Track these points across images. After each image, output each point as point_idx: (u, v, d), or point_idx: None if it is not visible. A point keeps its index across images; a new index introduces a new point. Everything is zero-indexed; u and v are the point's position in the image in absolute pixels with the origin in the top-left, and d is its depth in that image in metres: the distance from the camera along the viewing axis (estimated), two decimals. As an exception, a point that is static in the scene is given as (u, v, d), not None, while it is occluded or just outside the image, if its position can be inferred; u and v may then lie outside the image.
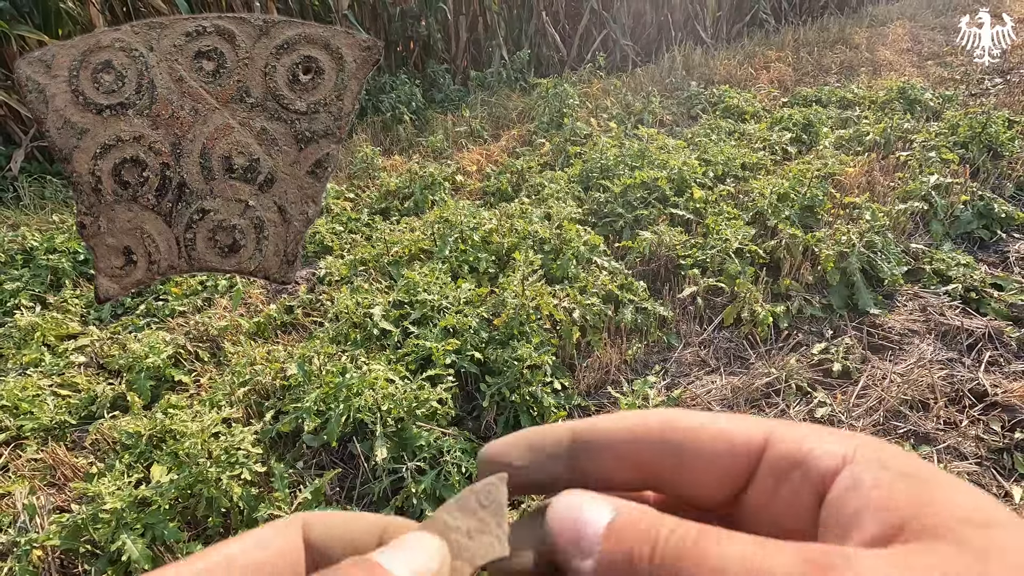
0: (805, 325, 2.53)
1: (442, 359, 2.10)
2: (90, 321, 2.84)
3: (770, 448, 0.22)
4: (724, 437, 0.23)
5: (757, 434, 0.23)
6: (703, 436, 0.23)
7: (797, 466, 0.21)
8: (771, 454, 0.22)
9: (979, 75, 4.79)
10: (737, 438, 0.23)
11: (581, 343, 2.36)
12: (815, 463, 0.21)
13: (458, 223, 2.86)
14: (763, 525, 0.22)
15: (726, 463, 0.23)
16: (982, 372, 2.19)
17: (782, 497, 0.21)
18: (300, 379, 2.06)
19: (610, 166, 3.36)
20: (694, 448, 0.23)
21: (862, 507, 0.19)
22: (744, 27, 7.28)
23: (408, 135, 4.60)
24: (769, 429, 0.23)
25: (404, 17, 5.90)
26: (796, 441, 0.22)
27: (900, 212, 2.91)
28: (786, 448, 0.22)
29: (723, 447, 0.23)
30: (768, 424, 0.23)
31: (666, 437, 0.23)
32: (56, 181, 4.17)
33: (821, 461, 0.21)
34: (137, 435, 1.92)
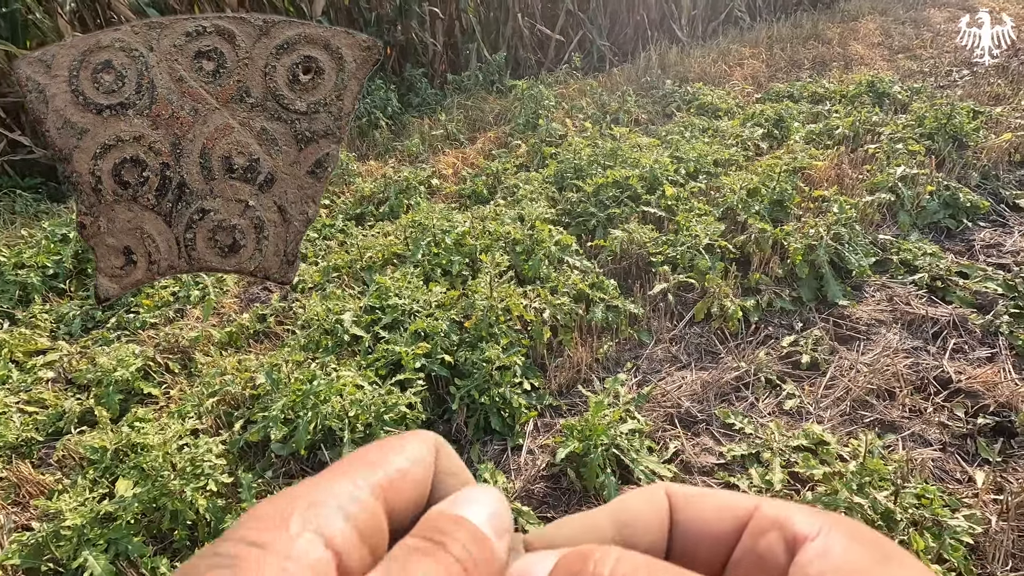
0: (775, 318, 2.55)
1: (411, 363, 2.09)
2: (59, 336, 2.81)
3: (757, 512, 0.24)
4: (718, 506, 0.25)
5: (749, 503, 0.25)
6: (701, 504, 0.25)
7: (775, 527, 0.23)
8: (758, 517, 0.24)
9: (946, 67, 4.87)
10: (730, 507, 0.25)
11: (553, 343, 2.37)
12: (792, 527, 0.23)
13: (431, 227, 2.85)
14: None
15: (722, 526, 0.25)
16: (947, 360, 2.22)
17: (758, 554, 0.23)
18: (268, 388, 2.05)
19: (583, 166, 3.38)
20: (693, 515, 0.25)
21: (828, 570, 0.20)
22: (719, 25, 7.34)
23: (384, 140, 4.60)
24: (760, 500, 0.25)
25: (380, 22, 5.90)
26: (779, 508, 0.24)
27: (867, 204, 2.94)
28: (769, 512, 0.24)
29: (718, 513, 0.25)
30: (760, 497, 0.25)
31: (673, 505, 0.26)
32: (27, 196, 4.12)
33: (798, 526, 0.22)
34: (102, 450, 1.90)
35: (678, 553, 0.26)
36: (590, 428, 1.84)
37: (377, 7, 5.80)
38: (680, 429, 2.07)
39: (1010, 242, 2.82)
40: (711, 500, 0.25)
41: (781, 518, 0.23)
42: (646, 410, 2.13)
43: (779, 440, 1.93)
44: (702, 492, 0.26)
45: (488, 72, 5.64)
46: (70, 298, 3.05)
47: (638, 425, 1.99)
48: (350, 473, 0.22)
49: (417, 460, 0.24)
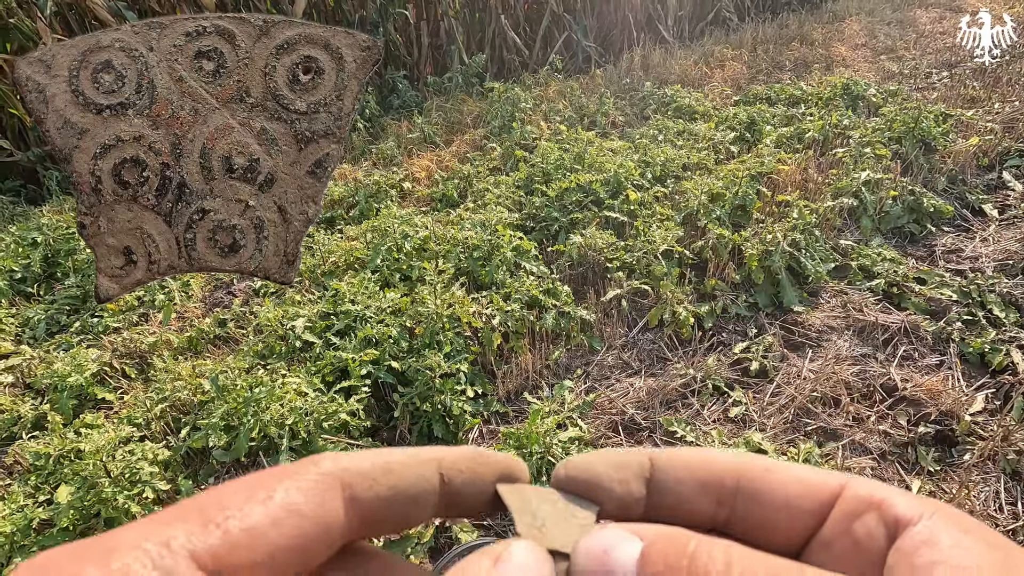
0: (730, 324, 2.56)
1: (357, 370, 2.11)
2: (24, 340, 2.84)
3: (847, 491, 0.22)
4: (800, 479, 0.23)
5: (833, 481, 0.23)
6: (780, 477, 0.23)
7: (873, 508, 0.21)
8: (847, 496, 0.22)
9: (926, 69, 4.85)
10: (813, 481, 0.23)
11: (504, 349, 2.38)
12: (892, 508, 0.21)
13: (391, 232, 2.87)
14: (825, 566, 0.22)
15: (803, 504, 0.23)
16: (894, 367, 2.23)
17: (852, 537, 0.21)
18: (214, 394, 2.06)
19: (550, 170, 3.38)
20: (771, 487, 0.23)
21: (938, 561, 0.18)
22: (707, 26, 7.32)
23: (361, 143, 4.61)
24: (848, 477, 0.23)
25: (363, 24, 5.91)
26: (873, 489, 0.22)
27: (829, 209, 2.94)
28: (863, 493, 0.22)
29: (799, 488, 0.23)
30: (844, 475, 0.23)
31: (745, 474, 0.24)
32: (4, 199, 4.15)
33: (899, 508, 0.21)
34: (46, 456, 1.92)
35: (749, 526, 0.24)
36: (527, 436, 1.85)
37: (360, 9, 5.81)
38: (623, 436, 2.08)
39: (970, 248, 2.82)
40: (792, 472, 0.24)
41: (878, 499, 0.21)
42: (591, 417, 2.14)
43: (719, 448, 1.93)
44: (780, 464, 0.24)
45: (468, 74, 5.65)
46: (37, 302, 3.07)
47: (579, 433, 2.00)
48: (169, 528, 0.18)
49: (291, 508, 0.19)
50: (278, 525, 0.19)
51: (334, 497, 0.21)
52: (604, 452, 0.26)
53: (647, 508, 0.25)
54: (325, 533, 0.20)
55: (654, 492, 0.25)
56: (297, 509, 0.20)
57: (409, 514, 0.23)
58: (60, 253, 3.24)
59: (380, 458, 0.23)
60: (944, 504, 0.21)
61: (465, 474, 0.25)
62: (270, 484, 0.20)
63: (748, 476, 0.24)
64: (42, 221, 3.47)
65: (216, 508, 0.19)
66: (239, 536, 0.18)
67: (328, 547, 0.21)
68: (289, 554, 0.19)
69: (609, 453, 0.26)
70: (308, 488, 0.20)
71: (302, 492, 0.20)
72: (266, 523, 0.19)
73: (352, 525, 0.21)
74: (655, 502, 0.25)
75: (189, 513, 0.19)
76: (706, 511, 0.24)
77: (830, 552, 0.22)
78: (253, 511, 0.19)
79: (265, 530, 0.19)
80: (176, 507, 0.19)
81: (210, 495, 0.20)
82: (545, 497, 0.25)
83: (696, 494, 0.24)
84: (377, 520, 0.22)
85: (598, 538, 0.21)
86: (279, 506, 0.19)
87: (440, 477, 0.24)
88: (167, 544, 0.17)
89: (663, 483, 0.25)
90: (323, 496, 0.20)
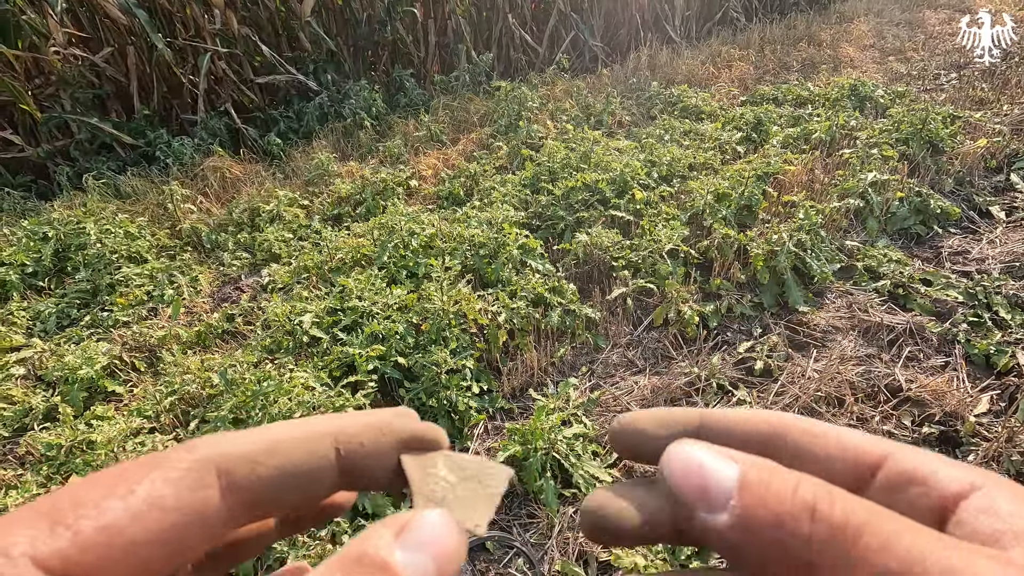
0: (735, 324, 2.56)
1: (364, 365, 2.13)
2: (35, 333, 2.87)
3: (889, 462, 0.21)
4: (844, 444, 0.22)
5: (877, 448, 0.22)
6: (822, 441, 0.23)
7: (917, 483, 0.20)
8: (890, 468, 0.21)
9: (935, 71, 4.83)
10: (857, 448, 0.22)
11: (509, 346, 2.39)
12: (938, 483, 0.20)
13: (398, 229, 2.89)
14: None
15: (843, 469, 0.22)
16: (899, 368, 2.23)
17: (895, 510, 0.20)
18: (222, 387, 2.09)
19: (556, 169, 3.40)
20: (812, 450, 0.22)
21: (1004, 531, 0.18)
22: (714, 26, 7.31)
23: (368, 141, 4.63)
24: (891, 447, 0.22)
25: (371, 22, 5.93)
26: (918, 461, 0.21)
27: (835, 210, 2.94)
28: (907, 465, 0.21)
29: (841, 453, 0.22)
30: (890, 442, 0.22)
31: (788, 435, 0.23)
32: (16, 194, 4.19)
33: (946, 483, 0.20)
34: (57, 447, 1.95)
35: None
36: (531, 432, 1.86)
37: (368, 8, 5.83)
38: (627, 434, 2.09)
39: (976, 249, 2.81)
40: (834, 436, 0.23)
41: (923, 473, 0.20)
42: (595, 414, 2.15)
43: (722, 446, 1.94)
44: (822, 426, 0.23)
45: (475, 73, 5.66)
46: (48, 296, 3.11)
47: (584, 430, 2.01)
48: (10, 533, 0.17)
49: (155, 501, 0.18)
50: (138, 520, 0.18)
51: (208, 485, 0.19)
52: (656, 409, 0.26)
53: None
54: (198, 524, 0.19)
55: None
56: (160, 501, 0.18)
57: (301, 495, 0.22)
58: (71, 248, 3.28)
59: (265, 436, 0.22)
60: (992, 473, 0.20)
61: (366, 447, 0.23)
62: (135, 476, 0.18)
63: (790, 436, 0.23)
64: (53, 216, 3.50)
65: (70, 507, 0.17)
66: (92, 536, 0.17)
67: (205, 538, 0.19)
68: (153, 549, 0.18)
69: (660, 411, 0.26)
70: (177, 478, 0.19)
71: (170, 483, 0.19)
72: (124, 519, 0.17)
73: (234, 512, 0.20)
74: None
75: (37, 515, 0.17)
76: None
77: None
78: (110, 507, 0.17)
79: (123, 527, 0.17)
80: (25, 508, 0.17)
81: (65, 493, 0.18)
82: (456, 465, 0.23)
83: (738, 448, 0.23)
84: (264, 502, 0.21)
85: (694, 450, 0.20)
86: (141, 499, 0.18)
87: (336, 452, 0.22)
88: (6, 552, 0.16)
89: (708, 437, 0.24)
90: (194, 485, 0.19)
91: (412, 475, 0.22)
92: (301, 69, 5.34)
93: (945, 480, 0.20)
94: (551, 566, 1.69)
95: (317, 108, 5.06)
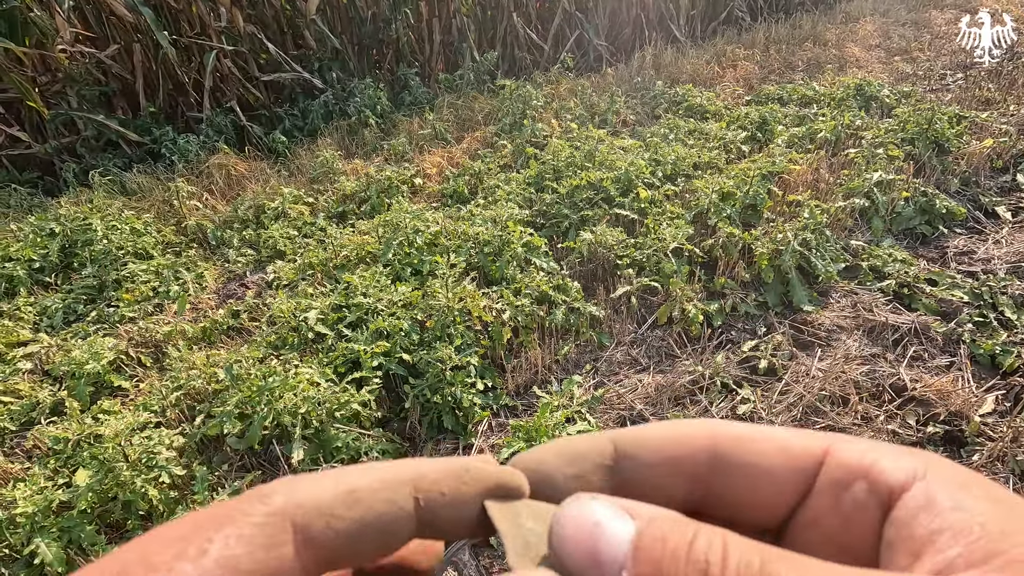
0: (739, 323, 2.56)
1: (369, 362, 2.13)
2: (42, 328, 2.89)
3: (831, 458, 0.20)
4: (781, 447, 0.21)
5: (816, 445, 0.21)
6: (758, 447, 0.21)
7: (861, 478, 0.19)
8: (832, 465, 0.20)
9: (941, 70, 4.81)
10: (794, 448, 0.21)
11: (513, 344, 2.40)
12: (881, 475, 0.19)
13: (403, 226, 2.89)
14: (814, 544, 0.20)
15: (783, 475, 0.21)
16: (904, 367, 2.22)
17: (842, 511, 0.20)
18: (228, 383, 2.10)
19: (561, 168, 3.40)
20: (749, 459, 0.21)
21: (940, 529, 0.17)
22: (719, 25, 7.29)
23: (373, 138, 4.64)
24: (829, 440, 0.21)
25: (376, 21, 5.94)
26: (859, 452, 0.20)
27: (840, 209, 2.94)
28: (848, 459, 0.20)
29: (780, 458, 0.21)
30: (827, 436, 0.21)
31: (719, 447, 0.22)
32: (23, 190, 4.22)
33: (889, 474, 0.19)
34: (64, 440, 1.96)
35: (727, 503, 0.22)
36: (536, 429, 1.87)
37: (372, 6, 5.84)
38: (631, 431, 2.09)
39: (982, 249, 2.80)
40: (769, 441, 0.21)
41: (865, 465, 0.19)
42: (599, 412, 2.16)
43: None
44: (756, 430, 0.22)
45: (480, 71, 5.67)
46: (55, 291, 3.13)
47: (588, 427, 2.02)
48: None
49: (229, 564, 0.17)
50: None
51: (283, 543, 0.18)
52: (559, 442, 0.23)
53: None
54: None
55: (620, 480, 0.22)
56: (235, 562, 0.17)
57: (378, 547, 0.21)
58: (77, 244, 3.29)
59: (343, 485, 0.20)
60: (935, 456, 0.19)
61: (447, 496, 0.21)
62: (207, 533, 0.17)
63: (722, 448, 0.21)
64: (59, 212, 3.52)
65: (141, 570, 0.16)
66: None
67: None
68: None
69: (564, 443, 0.23)
70: (251, 535, 0.18)
71: (243, 541, 0.18)
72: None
73: (308, 569, 0.19)
74: (622, 491, 0.22)
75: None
76: (679, 492, 0.22)
77: (819, 529, 0.20)
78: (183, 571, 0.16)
79: None
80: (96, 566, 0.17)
81: (134, 549, 0.17)
82: (537, 514, 0.22)
83: (667, 475, 0.22)
84: (339, 558, 0.20)
85: (588, 508, 0.18)
86: (214, 561, 0.17)
87: (415, 501, 0.21)
88: None
89: (630, 469, 0.22)
90: (269, 543, 0.18)
91: (501, 527, 0.21)
92: (306, 67, 5.35)
93: (887, 471, 0.19)
94: None
95: (322, 106, 5.07)
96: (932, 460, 0.19)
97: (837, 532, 0.20)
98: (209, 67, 4.80)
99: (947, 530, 0.17)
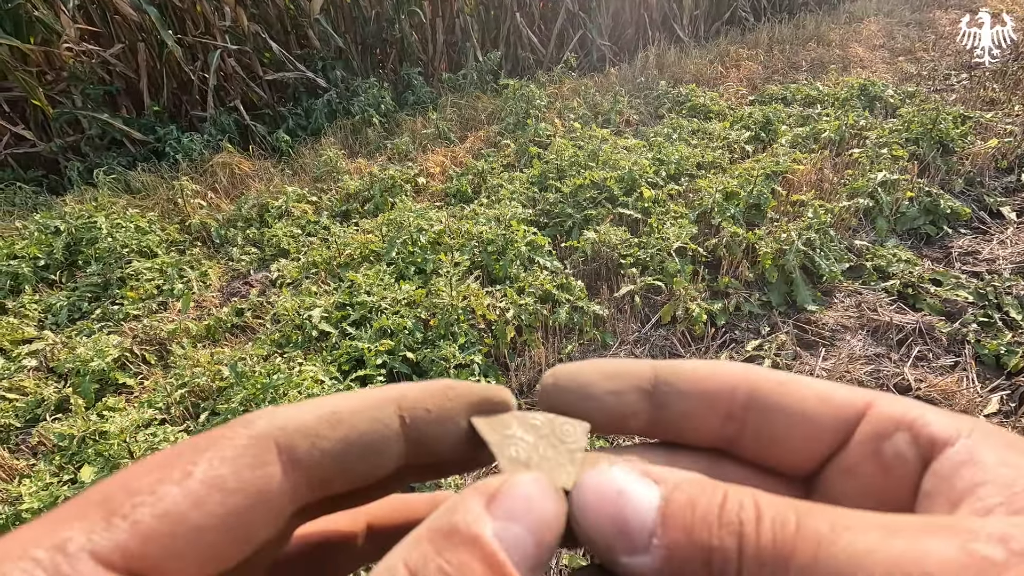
0: (743, 322, 2.56)
1: (373, 360, 2.14)
2: (47, 325, 2.90)
3: (874, 409, 0.20)
4: (822, 396, 0.21)
5: (859, 398, 0.20)
6: (800, 393, 0.21)
7: (904, 428, 0.19)
8: (874, 415, 0.20)
9: (945, 71, 4.80)
10: (837, 399, 0.20)
11: (517, 342, 2.40)
12: (925, 428, 0.19)
13: (407, 225, 2.90)
14: (848, 494, 0.20)
15: (823, 421, 0.20)
16: (908, 367, 2.22)
17: (881, 460, 0.19)
18: (232, 380, 2.10)
19: (564, 167, 3.40)
20: (788, 403, 0.20)
21: (983, 482, 0.16)
22: (722, 25, 7.29)
23: (376, 138, 4.65)
24: (875, 395, 0.20)
25: (379, 20, 5.95)
26: (904, 407, 0.20)
27: (844, 209, 2.93)
28: (892, 411, 0.19)
29: (821, 406, 0.20)
30: (870, 392, 0.21)
31: (758, 389, 0.21)
32: (27, 188, 4.23)
33: (933, 427, 0.18)
34: (70, 437, 1.97)
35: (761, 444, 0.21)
36: (540, 427, 1.87)
37: (376, 6, 5.84)
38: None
39: (987, 250, 2.80)
40: (812, 387, 0.21)
41: (910, 418, 0.19)
42: (603, 411, 2.15)
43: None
44: (797, 378, 0.21)
45: (483, 71, 5.67)
46: (60, 289, 3.14)
47: (592, 425, 2.02)
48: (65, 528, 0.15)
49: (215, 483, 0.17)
50: (200, 505, 0.16)
51: (269, 462, 0.18)
52: (599, 360, 0.23)
53: (648, 424, 0.22)
54: (262, 505, 0.18)
55: (655, 406, 0.22)
56: (220, 483, 0.17)
57: (368, 467, 0.20)
58: (82, 242, 3.31)
59: (326, 407, 0.20)
60: (982, 420, 0.19)
61: (432, 413, 0.21)
62: (189, 458, 0.17)
63: (762, 389, 0.21)
64: (64, 210, 3.54)
65: (124, 495, 0.16)
66: (152, 525, 0.16)
67: (272, 520, 0.18)
68: (219, 535, 0.16)
69: (604, 361, 0.23)
70: (235, 457, 0.17)
71: (227, 462, 0.17)
72: (184, 505, 0.16)
73: (298, 490, 0.19)
74: (656, 417, 0.22)
75: (88, 506, 0.16)
76: (713, 427, 0.22)
77: (855, 478, 0.20)
78: (168, 493, 0.16)
79: (184, 513, 0.16)
80: (76, 500, 0.16)
81: (115, 481, 0.17)
82: (530, 423, 0.21)
83: (703, 408, 0.21)
84: (328, 479, 0.19)
85: (609, 476, 0.17)
86: (199, 482, 0.17)
87: (401, 419, 0.21)
88: (62, 548, 0.15)
89: (666, 396, 0.22)
90: (255, 462, 0.18)
91: (489, 438, 0.21)
92: (310, 66, 5.36)
93: (933, 424, 0.19)
94: (559, 559, 1.69)
95: (326, 105, 5.08)
96: (979, 422, 0.19)
97: (873, 482, 0.19)
98: (213, 66, 4.81)
99: (990, 483, 0.16)
